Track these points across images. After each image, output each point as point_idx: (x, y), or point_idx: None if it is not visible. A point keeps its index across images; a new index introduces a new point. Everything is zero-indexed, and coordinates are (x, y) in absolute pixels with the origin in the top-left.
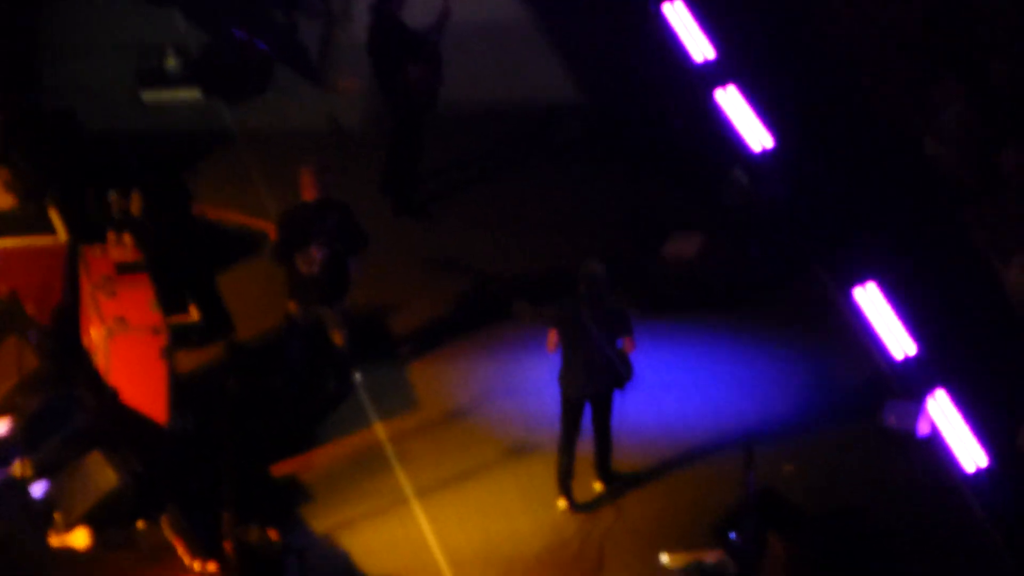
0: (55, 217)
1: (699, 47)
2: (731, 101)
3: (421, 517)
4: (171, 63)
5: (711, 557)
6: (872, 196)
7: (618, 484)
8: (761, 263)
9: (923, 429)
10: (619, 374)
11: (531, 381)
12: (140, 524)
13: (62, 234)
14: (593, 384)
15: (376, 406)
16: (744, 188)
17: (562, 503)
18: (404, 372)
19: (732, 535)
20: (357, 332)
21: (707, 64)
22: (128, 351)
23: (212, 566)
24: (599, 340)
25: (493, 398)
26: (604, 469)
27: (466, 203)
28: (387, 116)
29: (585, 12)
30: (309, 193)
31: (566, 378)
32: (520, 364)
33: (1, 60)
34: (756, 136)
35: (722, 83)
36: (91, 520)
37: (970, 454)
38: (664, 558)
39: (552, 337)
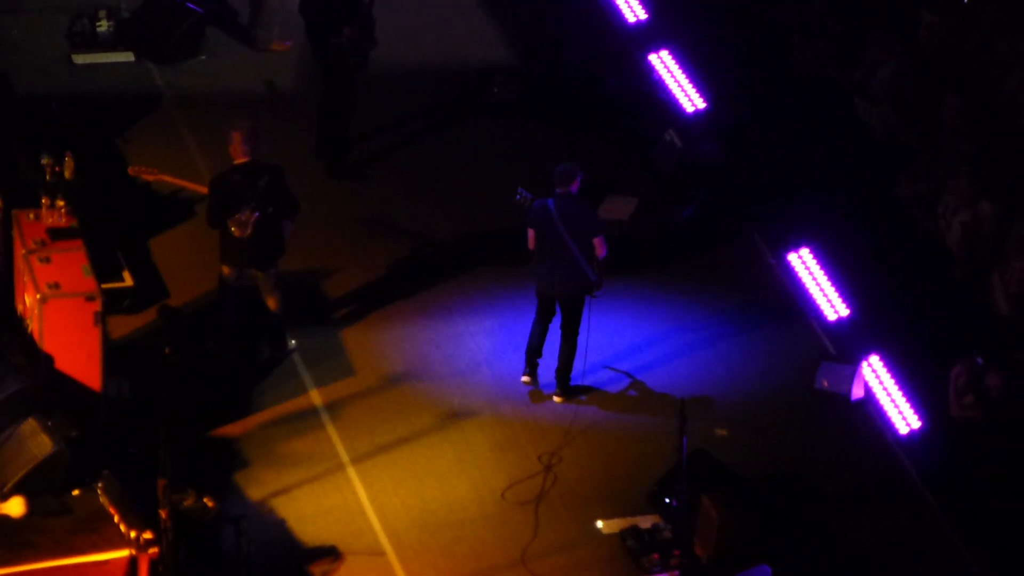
0: None
1: (631, 8)
2: (664, 63)
3: (357, 483)
4: (103, 26)
5: (645, 522)
6: (805, 157)
7: (555, 453)
8: (694, 226)
9: (856, 392)
10: (587, 279)
11: (466, 346)
12: (75, 491)
13: None
14: (558, 283)
15: (311, 372)
16: (677, 150)
17: (525, 378)
18: (339, 337)
19: (666, 499)
20: (291, 297)
21: (640, 25)
22: (62, 317)
23: (148, 534)
24: (565, 237)
25: (429, 363)
26: (563, 379)
27: (401, 165)
28: (320, 78)
29: None
30: (240, 156)
31: (536, 273)
32: (455, 329)
33: None
34: (689, 98)
35: (655, 44)
36: (25, 487)
37: (903, 416)
38: (599, 524)
39: (531, 235)
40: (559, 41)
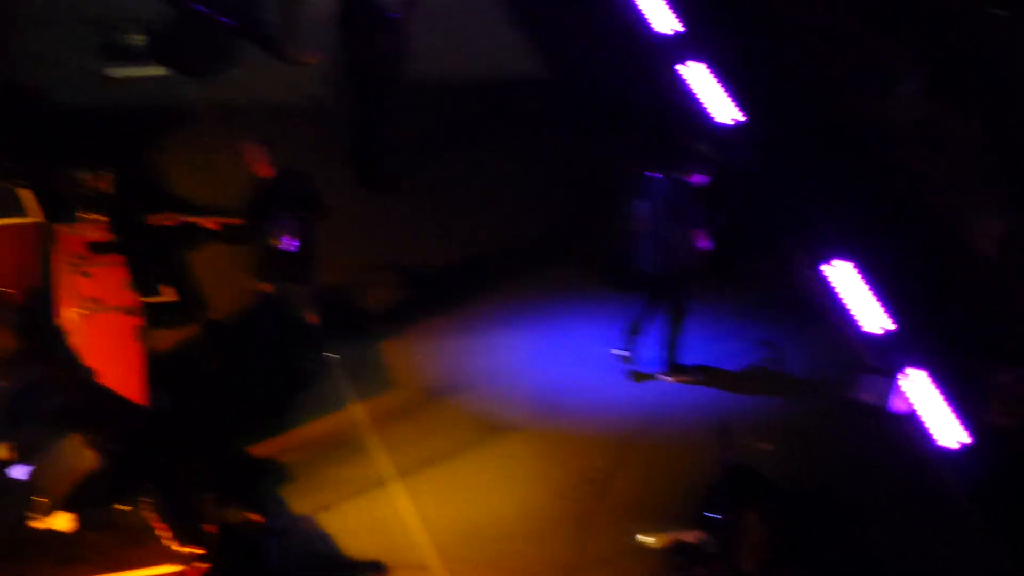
0: (27, 197)
1: (664, 19)
2: (697, 74)
3: (400, 497)
4: (136, 40)
5: (690, 536)
6: (841, 167)
7: (599, 471)
8: (728, 236)
9: (896, 404)
10: (668, 262)
11: (505, 358)
12: (120, 506)
13: (35, 213)
14: (653, 263)
15: (352, 385)
16: (709, 161)
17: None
18: (378, 350)
19: (711, 514)
20: (329, 309)
21: (675, 36)
22: (103, 331)
23: (197, 549)
24: (666, 219)
25: (468, 376)
26: (666, 357)
27: (433, 175)
28: (353, 90)
29: None
30: (265, 168)
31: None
32: (494, 341)
33: None
34: (724, 109)
35: (689, 55)
36: (70, 502)
37: (946, 429)
38: (644, 538)
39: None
40: (588, 51)
